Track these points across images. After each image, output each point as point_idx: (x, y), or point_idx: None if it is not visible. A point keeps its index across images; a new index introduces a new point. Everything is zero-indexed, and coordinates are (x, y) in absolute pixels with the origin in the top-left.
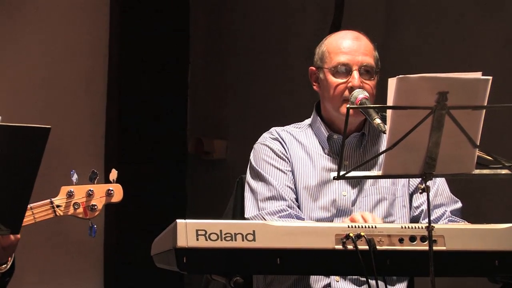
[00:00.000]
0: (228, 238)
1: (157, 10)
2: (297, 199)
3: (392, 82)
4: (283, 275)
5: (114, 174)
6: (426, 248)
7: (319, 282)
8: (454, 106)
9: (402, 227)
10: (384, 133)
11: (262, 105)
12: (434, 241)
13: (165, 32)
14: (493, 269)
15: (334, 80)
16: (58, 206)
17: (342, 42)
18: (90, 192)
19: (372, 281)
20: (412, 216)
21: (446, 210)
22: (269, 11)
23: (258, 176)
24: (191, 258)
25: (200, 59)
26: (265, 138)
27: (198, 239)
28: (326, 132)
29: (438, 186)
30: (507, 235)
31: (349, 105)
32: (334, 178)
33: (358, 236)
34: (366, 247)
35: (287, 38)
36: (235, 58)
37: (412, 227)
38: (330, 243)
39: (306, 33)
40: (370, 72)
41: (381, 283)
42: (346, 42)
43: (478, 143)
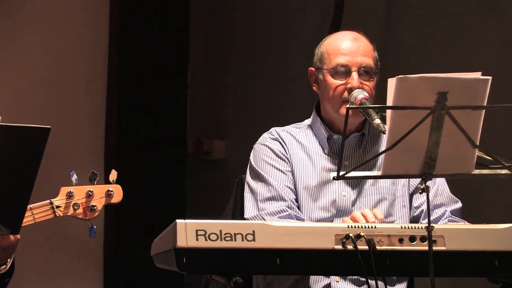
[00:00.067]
0: (227, 238)
1: (157, 10)
2: (297, 200)
3: (391, 82)
4: (283, 275)
5: (114, 175)
6: (426, 248)
7: (319, 282)
8: (453, 106)
9: (401, 227)
10: (383, 133)
11: (262, 105)
12: (434, 241)
13: (165, 32)
14: (492, 269)
15: (333, 81)
16: (57, 207)
17: (341, 43)
18: (89, 192)
19: (372, 281)
20: (412, 216)
21: (446, 210)
22: (269, 11)
23: (258, 176)
24: (191, 258)
25: (200, 59)
26: (265, 138)
27: (197, 239)
28: (326, 132)
29: (438, 186)
30: (507, 235)
31: (348, 105)
32: (333, 178)
33: (358, 236)
34: (366, 247)
35: (287, 38)
36: (235, 58)
37: (411, 227)
38: (329, 243)
39: (306, 33)
40: (369, 73)
41: (380, 283)
42: (345, 43)
43: (477, 143)
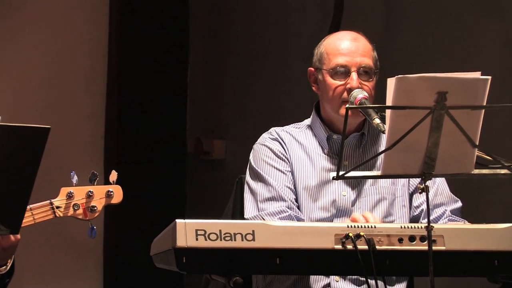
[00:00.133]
0: (227, 238)
1: (156, 10)
2: (296, 200)
3: (391, 82)
4: (283, 275)
5: (114, 175)
6: (426, 248)
7: (319, 282)
8: (453, 106)
9: (401, 227)
10: (383, 133)
11: (261, 105)
12: (434, 241)
13: (164, 32)
14: (492, 269)
15: (333, 81)
16: (57, 207)
17: (341, 44)
18: (90, 193)
19: (371, 281)
20: (412, 215)
21: (446, 210)
22: (269, 11)
23: (258, 176)
24: (191, 258)
25: (199, 59)
26: (264, 138)
27: (197, 239)
28: (326, 132)
29: (438, 185)
30: (507, 235)
31: (348, 105)
32: (333, 178)
33: (358, 236)
34: (366, 247)
35: (287, 38)
36: (235, 58)
37: (411, 227)
38: (329, 243)
39: (306, 33)
40: (369, 73)
41: (380, 283)
42: (344, 43)
43: (477, 143)
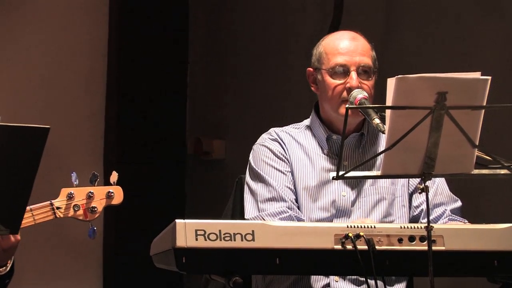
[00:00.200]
0: (227, 238)
1: (156, 10)
2: (296, 200)
3: (391, 82)
4: (282, 275)
5: (114, 176)
6: (425, 248)
7: (319, 282)
8: (453, 106)
9: (401, 227)
10: (383, 133)
11: (261, 105)
12: (433, 241)
13: (164, 32)
14: (492, 269)
15: (332, 81)
16: (58, 208)
17: (340, 43)
18: (90, 194)
19: (371, 281)
20: (412, 215)
21: (446, 209)
22: (268, 11)
23: (258, 177)
24: (190, 258)
25: (199, 59)
26: (264, 139)
27: (197, 239)
28: (325, 132)
29: (437, 185)
30: (506, 235)
31: (348, 105)
32: (333, 178)
33: (357, 236)
34: (365, 247)
35: (287, 38)
36: (235, 58)
37: (411, 227)
38: (329, 243)
39: (306, 33)
40: (368, 72)
41: (380, 283)
42: (343, 43)
43: (477, 143)
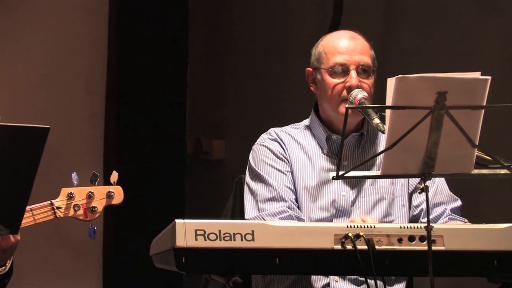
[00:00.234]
0: (227, 238)
1: (156, 10)
2: (296, 200)
3: (391, 82)
4: (282, 275)
5: (115, 176)
6: (425, 248)
7: (318, 282)
8: (453, 106)
9: (401, 227)
10: (383, 133)
11: (261, 105)
12: (433, 241)
13: (164, 32)
14: (492, 269)
15: (332, 80)
16: (58, 208)
17: (339, 42)
18: (90, 194)
19: (371, 281)
20: (412, 215)
21: (446, 208)
22: (268, 11)
23: (258, 177)
24: (190, 258)
25: (199, 59)
26: (263, 139)
27: (197, 239)
28: (325, 132)
29: (437, 184)
30: (506, 235)
31: (348, 105)
32: (333, 178)
33: (357, 236)
34: (365, 247)
35: (287, 38)
36: (234, 58)
37: (411, 227)
38: (329, 243)
39: (305, 33)
40: (368, 71)
41: (380, 283)
42: (342, 42)
43: (477, 143)
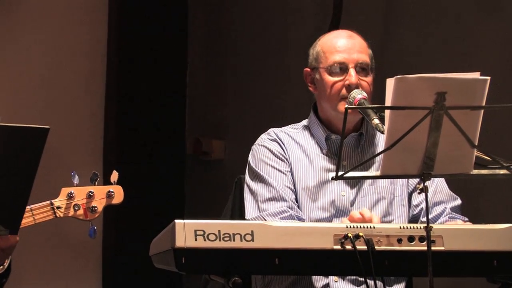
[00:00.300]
0: (226, 238)
1: (155, 10)
2: (296, 200)
3: (390, 83)
4: (282, 275)
5: (115, 176)
6: (425, 248)
7: (318, 282)
8: (452, 106)
9: (400, 227)
10: (382, 133)
11: (260, 105)
12: (433, 241)
13: (163, 32)
14: (491, 269)
15: (331, 78)
16: (58, 208)
17: (337, 41)
18: (90, 193)
19: (370, 281)
20: (412, 214)
21: (446, 207)
22: (268, 11)
23: (258, 177)
24: (190, 258)
25: (198, 59)
26: (263, 139)
27: (196, 239)
28: (324, 132)
29: (437, 183)
30: (506, 235)
31: (347, 105)
32: (332, 179)
33: (357, 236)
34: (365, 247)
35: (286, 38)
36: (234, 58)
37: (410, 227)
38: (328, 243)
39: (305, 33)
40: (366, 69)
41: (379, 283)
42: (340, 41)
43: (476, 143)
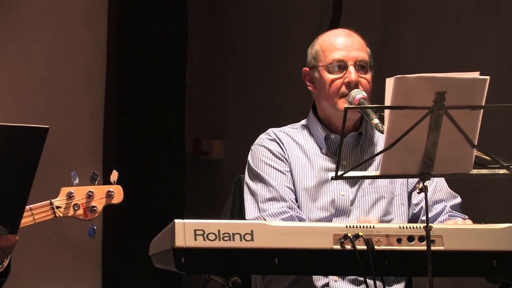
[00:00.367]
0: (226, 238)
1: (155, 10)
2: (296, 200)
3: (390, 82)
4: (282, 275)
5: (114, 175)
6: (424, 248)
7: (318, 282)
8: (452, 106)
9: (400, 227)
10: (382, 133)
11: (260, 105)
12: (432, 241)
13: (163, 32)
14: (491, 269)
15: (330, 76)
16: (58, 207)
17: (336, 39)
18: (90, 193)
19: (370, 281)
20: (412, 213)
21: (446, 205)
22: (268, 11)
23: (257, 177)
24: (189, 258)
25: (198, 59)
26: (262, 139)
27: (196, 239)
28: (323, 132)
29: (436, 182)
30: (505, 235)
31: (347, 105)
32: (332, 178)
33: (356, 236)
34: (364, 247)
35: (286, 38)
36: (234, 58)
37: (410, 227)
38: (328, 243)
39: (305, 33)
40: (365, 67)
41: (379, 283)
42: (339, 39)
43: (476, 143)
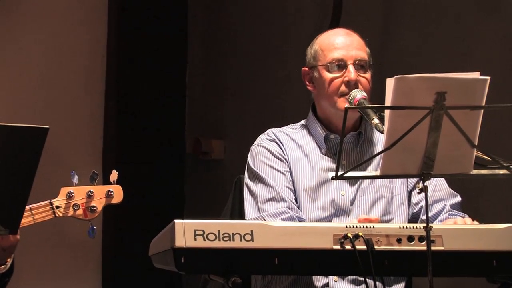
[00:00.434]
0: (226, 238)
1: (155, 10)
2: (296, 200)
3: (390, 82)
4: (282, 275)
5: (114, 175)
6: (424, 248)
7: (318, 282)
8: (452, 106)
9: (400, 227)
10: (382, 133)
11: (260, 105)
12: (432, 241)
13: (163, 32)
14: (491, 269)
15: (330, 75)
16: (57, 207)
17: (335, 39)
18: (90, 193)
19: (370, 281)
20: (412, 213)
21: (446, 205)
22: (267, 11)
23: (257, 177)
24: (189, 258)
25: (198, 59)
26: (262, 139)
27: (196, 239)
28: (323, 132)
29: (436, 181)
30: (505, 235)
31: (347, 105)
32: (332, 178)
33: (356, 236)
34: (364, 247)
35: (286, 39)
36: (234, 58)
37: (410, 227)
38: (328, 243)
39: (305, 33)
40: (365, 66)
41: (379, 283)
42: (338, 39)
43: (476, 143)
